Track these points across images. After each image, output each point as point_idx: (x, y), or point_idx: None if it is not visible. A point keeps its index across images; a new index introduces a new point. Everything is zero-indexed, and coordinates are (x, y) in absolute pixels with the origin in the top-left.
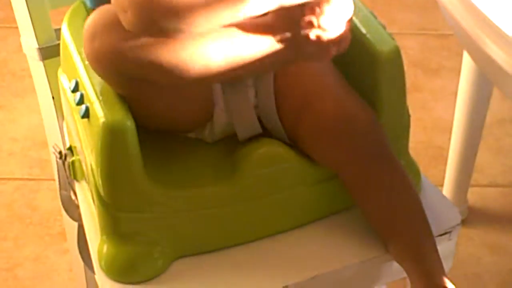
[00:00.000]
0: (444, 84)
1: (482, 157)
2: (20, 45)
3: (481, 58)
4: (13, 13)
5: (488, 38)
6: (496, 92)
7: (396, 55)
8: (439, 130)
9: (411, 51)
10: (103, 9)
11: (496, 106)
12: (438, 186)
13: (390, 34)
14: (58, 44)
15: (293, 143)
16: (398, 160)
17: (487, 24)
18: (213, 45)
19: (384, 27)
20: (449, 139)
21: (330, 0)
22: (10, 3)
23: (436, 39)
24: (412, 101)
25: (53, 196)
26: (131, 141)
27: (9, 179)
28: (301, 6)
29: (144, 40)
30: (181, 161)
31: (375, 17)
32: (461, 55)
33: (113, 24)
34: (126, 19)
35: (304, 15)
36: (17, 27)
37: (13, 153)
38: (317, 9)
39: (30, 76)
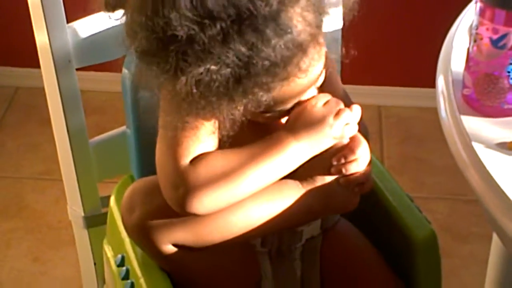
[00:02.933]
0: (473, 250)
1: None
2: (58, 198)
3: (507, 243)
4: (52, 166)
5: None
6: None
7: (432, 240)
8: None
9: (439, 216)
10: (140, 181)
11: None
12: None
13: (426, 218)
14: (104, 214)
15: None
16: None
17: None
18: (254, 207)
19: (420, 211)
20: None
21: (360, 145)
22: (51, 156)
23: (465, 204)
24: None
25: None
26: None
27: None
28: (332, 153)
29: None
30: None
31: (412, 200)
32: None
33: (152, 195)
34: (175, 196)
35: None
36: (55, 179)
37: None
38: (348, 156)
39: (67, 228)
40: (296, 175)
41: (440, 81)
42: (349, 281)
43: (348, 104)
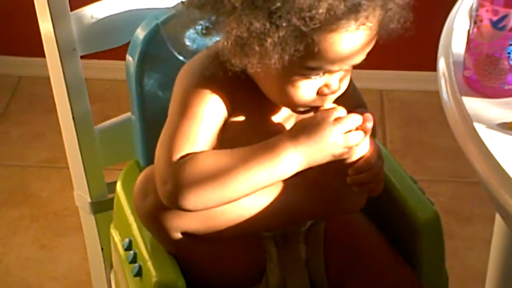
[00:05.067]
0: (476, 231)
1: None
2: (63, 185)
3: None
4: (57, 154)
5: None
6: None
7: (435, 221)
8: (472, 278)
9: (442, 198)
10: (154, 168)
11: None
12: None
13: (429, 200)
14: (110, 199)
15: None
16: None
17: None
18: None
19: (423, 193)
20: (482, 287)
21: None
22: (55, 144)
23: (468, 186)
24: (445, 249)
25: None
26: None
27: None
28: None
29: None
30: None
31: (415, 182)
32: (492, 203)
33: None
34: (164, 191)
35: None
36: (60, 167)
37: None
38: (365, 167)
39: (72, 216)
40: (310, 175)
41: (441, 63)
42: (353, 262)
43: (360, 104)
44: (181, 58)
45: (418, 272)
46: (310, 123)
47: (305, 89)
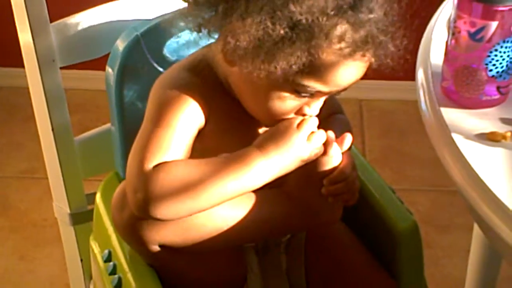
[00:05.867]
0: (455, 240)
1: None
2: (42, 196)
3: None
4: (36, 164)
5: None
6: None
7: (414, 231)
8: (450, 286)
9: (421, 207)
10: None
11: (505, 263)
12: None
13: (408, 210)
14: (89, 211)
15: None
16: None
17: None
18: (230, 213)
19: (402, 202)
20: None
21: (349, 166)
22: (34, 155)
23: (446, 196)
24: (424, 258)
25: None
26: None
27: None
28: (319, 171)
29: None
30: None
31: (394, 192)
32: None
33: None
34: (134, 199)
35: (319, 175)
36: (39, 178)
37: None
38: (339, 178)
39: (51, 227)
40: (286, 188)
41: (420, 74)
42: (333, 272)
43: (337, 111)
44: (160, 69)
45: (398, 281)
46: (276, 130)
47: (289, 106)
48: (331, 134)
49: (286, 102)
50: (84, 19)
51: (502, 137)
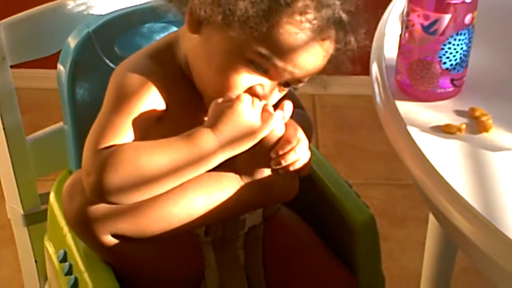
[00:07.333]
0: (410, 233)
1: None
2: None
3: (445, 225)
4: None
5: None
6: None
7: (371, 224)
8: (407, 279)
9: (376, 201)
10: (81, 171)
11: (461, 254)
12: None
13: (365, 203)
14: (43, 211)
15: None
16: None
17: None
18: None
19: (358, 196)
20: None
21: (295, 133)
22: None
23: (400, 189)
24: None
25: None
26: None
27: None
28: (269, 145)
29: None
30: None
31: (350, 186)
32: (425, 205)
33: None
34: (87, 182)
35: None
36: None
37: None
38: (285, 146)
39: (4, 228)
40: (236, 168)
41: (374, 67)
42: (291, 266)
43: (297, 106)
44: (112, 65)
45: (355, 274)
46: (223, 107)
47: (242, 80)
48: (270, 107)
49: (239, 75)
50: (34, 16)
51: (457, 129)
